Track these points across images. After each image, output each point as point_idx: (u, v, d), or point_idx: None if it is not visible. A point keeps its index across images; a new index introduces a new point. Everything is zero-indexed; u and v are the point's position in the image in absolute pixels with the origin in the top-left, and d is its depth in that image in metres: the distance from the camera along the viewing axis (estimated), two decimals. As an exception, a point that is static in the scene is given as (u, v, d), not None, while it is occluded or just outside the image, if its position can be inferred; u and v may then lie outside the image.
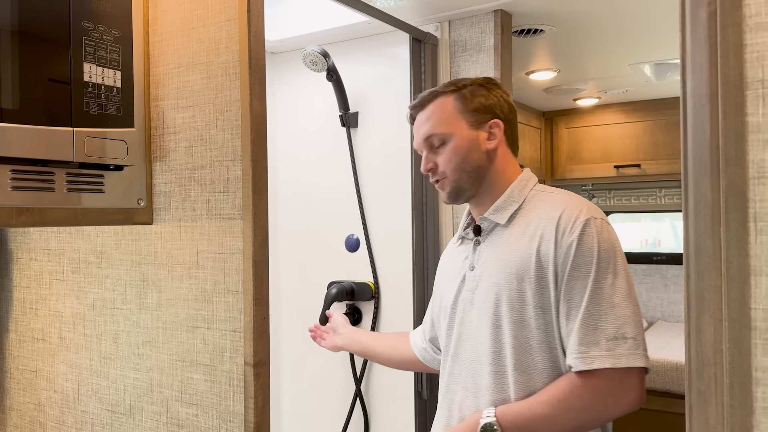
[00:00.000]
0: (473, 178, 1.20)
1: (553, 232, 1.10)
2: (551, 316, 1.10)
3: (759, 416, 0.52)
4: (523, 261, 1.11)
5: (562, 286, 1.08)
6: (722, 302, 0.54)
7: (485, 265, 1.18)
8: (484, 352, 1.15)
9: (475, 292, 1.19)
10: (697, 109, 0.55)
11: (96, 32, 0.88)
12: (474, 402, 1.17)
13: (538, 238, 1.12)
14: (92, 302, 1.07)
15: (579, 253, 1.07)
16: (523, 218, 1.17)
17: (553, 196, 1.18)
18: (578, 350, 1.04)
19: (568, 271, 1.07)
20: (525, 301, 1.11)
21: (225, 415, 0.91)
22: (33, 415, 1.17)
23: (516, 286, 1.11)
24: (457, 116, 1.20)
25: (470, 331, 1.19)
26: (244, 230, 0.89)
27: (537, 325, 1.10)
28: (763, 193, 0.52)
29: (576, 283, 1.07)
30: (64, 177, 0.86)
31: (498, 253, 1.17)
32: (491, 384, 1.14)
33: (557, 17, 1.84)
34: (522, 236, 1.15)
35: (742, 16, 0.53)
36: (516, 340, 1.11)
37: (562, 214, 1.11)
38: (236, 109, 0.89)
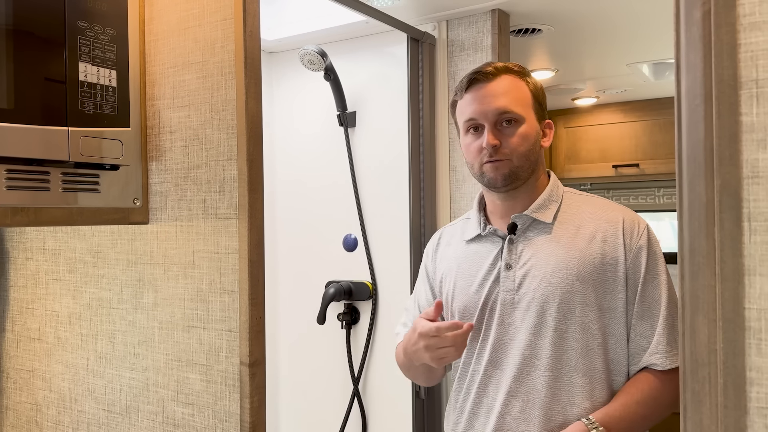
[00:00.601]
0: (530, 169, 1.17)
1: (620, 236, 1.13)
2: (612, 318, 1.12)
3: (753, 416, 0.52)
4: (585, 263, 1.12)
5: (636, 289, 1.12)
6: (716, 302, 0.53)
7: (532, 265, 1.14)
8: (538, 355, 1.11)
9: (517, 293, 1.14)
10: (692, 108, 0.55)
11: (91, 31, 0.88)
12: (521, 407, 1.11)
13: (599, 240, 1.13)
14: (88, 302, 1.07)
15: (651, 256, 1.13)
16: (568, 218, 1.17)
17: (592, 198, 1.22)
18: (665, 350, 1.10)
19: (642, 274, 1.11)
20: (587, 303, 1.10)
21: (221, 415, 0.91)
22: (29, 415, 1.17)
23: (578, 288, 1.11)
24: (530, 102, 1.18)
25: (512, 333, 1.14)
26: (239, 230, 0.89)
27: (598, 327, 1.11)
28: (757, 193, 0.52)
29: (650, 285, 1.12)
30: (59, 176, 0.86)
31: (548, 253, 1.14)
32: (545, 388, 1.10)
33: (555, 17, 1.84)
34: (576, 237, 1.14)
35: (736, 15, 0.52)
36: (578, 342, 1.10)
37: (624, 218, 1.15)
38: (232, 108, 0.89)
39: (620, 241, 1.12)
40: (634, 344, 1.12)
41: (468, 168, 1.23)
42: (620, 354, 1.13)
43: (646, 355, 1.11)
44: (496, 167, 1.15)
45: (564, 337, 1.10)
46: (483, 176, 1.18)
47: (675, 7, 0.56)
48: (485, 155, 1.16)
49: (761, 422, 0.52)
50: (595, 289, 1.11)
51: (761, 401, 0.52)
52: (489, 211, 1.26)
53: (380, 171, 1.80)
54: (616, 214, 1.16)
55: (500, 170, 1.15)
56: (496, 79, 1.16)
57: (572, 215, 1.17)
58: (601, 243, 1.13)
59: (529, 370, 1.12)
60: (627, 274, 1.12)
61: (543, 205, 1.17)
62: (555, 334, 1.11)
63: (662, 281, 1.12)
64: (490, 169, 1.16)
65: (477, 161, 1.18)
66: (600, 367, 1.11)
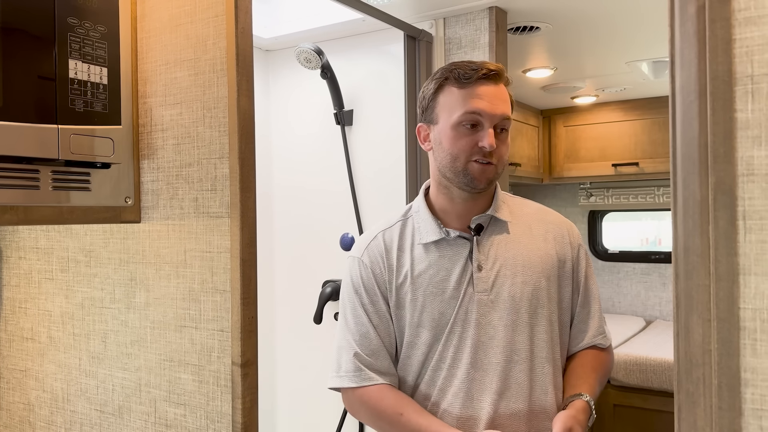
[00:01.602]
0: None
1: (565, 236, 1.25)
2: (562, 309, 1.22)
3: (748, 418, 0.51)
4: (546, 261, 1.20)
5: (580, 281, 1.25)
6: (711, 302, 0.53)
7: (501, 264, 1.16)
8: (518, 351, 1.14)
9: (491, 293, 1.14)
10: (686, 105, 0.54)
11: (82, 28, 0.87)
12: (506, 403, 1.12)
13: (551, 240, 1.23)
14: (81, 301, 1.06)
15: (586, 254, 1.28)
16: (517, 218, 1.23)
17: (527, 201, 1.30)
18: (601, 331, 1.26)
19: (584, 269, 1.25)
20: (550, 298, 1.19)
21: (213, 416, 0.90)
22: (22, 415, 1.16)
23: (544, 284, 1.18)
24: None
25: (491, 332, 1.13)
26: (231, 229, 0.88)
27: (556, 319, 1.20)
28: (752, 191, 0.51)
29: (589, 278, 1.27)
30: (49, 175, 0.85)
31: (514, 252, 1.18)
32: (527, 381, 1.14)
33: (553, 14, 1.83)
34: (533, 237, 1.22)
35: (730, 10, 0.52)
36: (546, 334, 1.18)
37: (563, 221, 1.27)
38: (224, 106, 0.88)
39: (566, 240, 1.24)
40: (576, 329, 1.25)
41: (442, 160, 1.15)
42: (565, 341, 1.24)
43: (587, 337, 1.25)
44: (483, 170, 1.12)
45: (535, 330, 1.17)
46: (465, 174, 1.13)
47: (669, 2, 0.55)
48: (477, 154, 1.12)
49: (756, 424, 0.51)
50: (554, 284, 1.21)
51: (756, 403, 0.51)
52: (440, 210, 1.20)
53: (377, 169, 1.79)
54: (556, 217, 1.28)
55: (486, 174, 1.13)
56: (502, 83, 1.17)
57: (518, 216, 1.24)
58: (553, 242, 1.23)
59: (511, 366, 1.14)
60: (573, 269, 1.24)
61: (499, 206, 1.22)
62: (529, 329, 1.16)
63: (591, 273, 1.28)
64: (478, 170, 1.12)
65: (464, 157, 1.13)
66: (558, 354, 1.21)
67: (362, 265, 1.21)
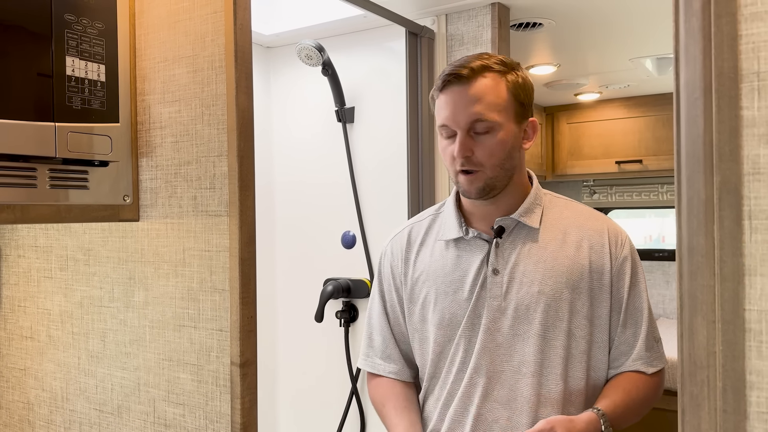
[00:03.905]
0: (507, 176, 1.11)
1: (606, 245, 1.13)
2: (596, 326, 1.11)
3: (753, 422, 0.50)
4: (574, 271, 1.10)
5: (622, 297, 1.12)
6: (715, 303, 0.52)
7: (520, 271, 1.10)
8: (526, 363, 1.08)
9: (505, 300, 1.09)
10: (691, 102, 0.53)
11: (79, 25, 0.86)
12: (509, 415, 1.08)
13: (586, 248, 1.12)
14: (80, 300, 1.06)
15: (633, 267, 1.14)
16: (553, 223, 1.14)
17: (572, 203, 1.19)
18: (647, 355, 1.13)
19: (627, 284, 1.12)
20: (574, 311, 1.09)
21: (212, 416, 0.90)
22: (22, 414, 1.16)
23: (567, 296, 1.09)
24: (508, 105, 1.08)
25: (499, 340, 1.09)
26: (230, 227, 0.87)
27: (583, 335, 1.10)
28: (758, 190, 0.50)
29: (633, 294, 1.13)
30: (46, 173, 0.84)
31: (536, 259, 1.10)
32: (532, 396, 1.07)
33: (556, 11, 1.81)
34: (565, 244, 1.12)
35: (737, 5, 0.50)
36: (563, 350, 1.09)
37: (608, 228, 1.15)
38: (222, 103, 0.87)
39: (606, 250, 1.12)
40: (618, 351, 1.13)
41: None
42: (600, 360, 1.13)
43: (629, 360, 1.13)
44: (470, 180, 1.09)
45: (550, 344, 1.08)
46: (458, 185, 1.12)
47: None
48: (458, 164, 1.09)
49: (762, 427, 0.50)
50: (582, 297, 1.10)
51: (762, 406, 0.50)
52: (467, 211, 1.17)
53: (379, 167, 1.78)
54: (600, 223, 1.15)
55: (474, 183, 1.09)
56: (471, 82, 1.06)
57: (555, 220, 1.15)
58: (588, 251, 1.12)
59: (518, 378, 1.08)
60: (612, 283, 1.12)
61: (529, 209, 1.13)
62: (541, 341, 1.08)
63: (642, 290, 1.14)
64: (465, 181, 1.09)
65: (452, 168, 1.11)
66: (580, 374, 1.10)
67: (385, 256, 1.25)
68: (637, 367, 1.12)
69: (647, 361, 1.13)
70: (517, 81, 1.10)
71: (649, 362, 1.13)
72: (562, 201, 1.19)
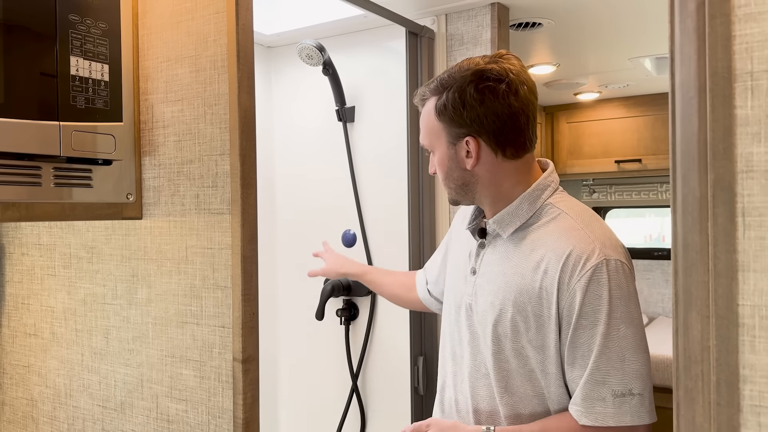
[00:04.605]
0: (462, 192, 1.13)
1: (558, 271, 1.00)
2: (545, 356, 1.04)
3: (746, 414, 0.51)
4: (522, 290, 1.04)
5: (568, 332, 1.01)
6: (710, 299, 0.53)
7: (486, 278, 1.10)
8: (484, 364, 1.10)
9: (473, 299, 1.12)
10: (686, 101, 0.54)
11: (83, 25, 0.87)
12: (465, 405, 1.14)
13: (542, 271, 1.02)
14: (83, 297, 1.07)
15: (587, 300, 0.98)
16: (530, 237, 1.07)
17: (565, 219, 1.06)
18: (583, 404, 1.00)
19: (575, 318, 0.99)
20: (518, 332, 1.04)
21: (214, 411, 0.91)
22: (26, 410, 1.17)
23: (510, 314, 1.04)
24: (437, 128, 1.10)
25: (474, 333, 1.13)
26: (232, 225, 0.88)
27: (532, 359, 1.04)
28: (752, 188, 0.51)
29: (583, 332, 0.99)
30: (51, 171, 0.85)
31: (498, 270, 1.09)
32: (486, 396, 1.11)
33: (555, 11, 1.82)
34: (526, 261, 1.05)
35: (730, 6, 0.51)
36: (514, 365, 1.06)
37: (572, 251, 1.00)
38: (224, 102, 0.88)
39: (557, 277, 1.00)
40: (570, 387, 1.04)
41: None
42: (554, 392, 1.05)
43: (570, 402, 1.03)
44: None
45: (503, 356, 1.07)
46: None
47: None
48: None
49: (754, 420, 0.51)
50: (528, 320, 1.03)
51: (755, 399, 0.51)
52: None
53: (379, 166, 1.79)
54: (566, 244, 1.01)
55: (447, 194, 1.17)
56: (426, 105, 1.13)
57: (534, 233, 1.07)
58: (542, 275, 1.02)
59: (477, 377, 1.11)
60: (560, 315, 1.01)
61: (503, 220, 1.09)
62: (496, 350, 1.07)
63: (599, 332, 0.98)
64: None
65: None
66: (531, 391, 1.06)
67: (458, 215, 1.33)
68: (571, 411, 1.02)
69: (581, 410, 1.00)
70: (443, 104, 1.07)
71: (584, 412, 1.00)
72: (556, 212, 1.07)
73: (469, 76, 1.06)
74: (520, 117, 1.06)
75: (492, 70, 1.05)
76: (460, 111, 1.06)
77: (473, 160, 1.07)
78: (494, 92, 1.04)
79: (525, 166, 1.11)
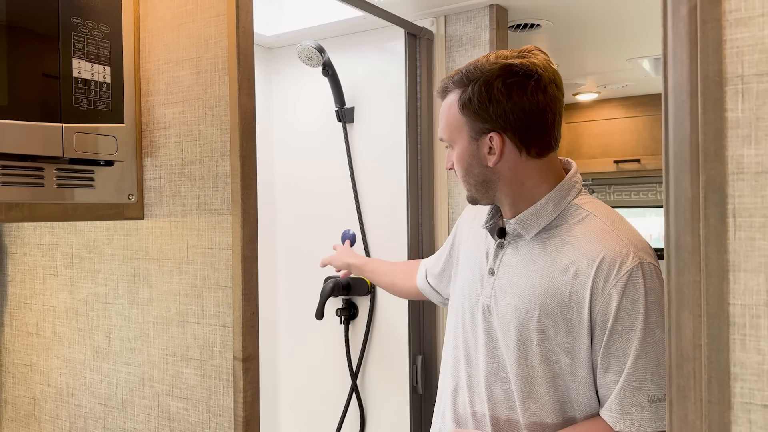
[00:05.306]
0: (482, 190, 1.10)
1: (591, 276, 0.98)
2: (576, 360, 1.01)
3: (737, 411, 0.52)
4: (552, 295, 1.01)
5: (603, 338, 0.98)
6: (701, 298, 0.54)
7: (507, 279, 1.08)
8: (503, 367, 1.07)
9: (492, 300, 1.09)
10: (678, 104, 0.55)
11: (85, 28, 0.88)
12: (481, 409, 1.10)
13: (571, 275, 1.00)
14: (85, 297, 1.08)
15: (624, 305, 0.96)
16: (556, 239, 1.04)
17: (594, 221, 1.04)
18: (619, 411, 0.98)
19: (610, 323, 0.97)
20: (546, 336, 1.01)
21: (215, 409, 0.92)
22: (28, 409, 1.18)
23: (538, 318, 1.01)
24: (459, 122, 1.07)
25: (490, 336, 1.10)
26: (233, 225, 0.89)
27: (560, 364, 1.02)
28: (742, 189, 0.52)
29: (618, 337, 0.97)
30: (53, 172, 0.86)
31: (522, 272, 1.06)
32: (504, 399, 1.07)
33: (553, 12, 1.83)
34: (553, 263, 1.02)
35: (721, 11, 0.52)
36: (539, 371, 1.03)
37: (605, 255, 0.98)
38: (225, 104, 0.89)
39: (590, 283, 0.98)
40: (601, 392, 1.02)
41: None
42: (583, 396, 1.02)
43: (602, 407, 1.01)
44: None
45: (527, 361, 1.04)
46: None
47: (663, 3, 0.56)
48: None
49: (745, 417, 0.52)
50: (556, 324, 1.00)
51: (745, 396, 0.52)
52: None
53: (378, 166, 1.80)
54: (599, 247, 0.99)
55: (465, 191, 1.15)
56: (442, 102, 1.12)
57: (561, 235, 1.04)
58: (572, 278, 0.99)
59: (494, 380, 1.08)
60: (593, 320, 0.98)
61: (527, 220, 1.06)
62: (521, 353, 1.04)
63: (635, 336, 0.96)
64: None
65: None
66: (555, 398, 1.03)
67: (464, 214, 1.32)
68: (605, 417, 1.00)
69: (617, 417, 0.98)
70: (468, 98, 1.05)
71: (619, 419, 0.98)
72: (583, 213, 1.05)
73: (497, 70, 1.03)
74: (548, 114, 1.04)
75: (521, 65, 1.02)
76: (485, 105, 1.03)
77: (496, 157, 1.05)
78: (522, 87, 1.02)
79: (549, 165, 1.08)
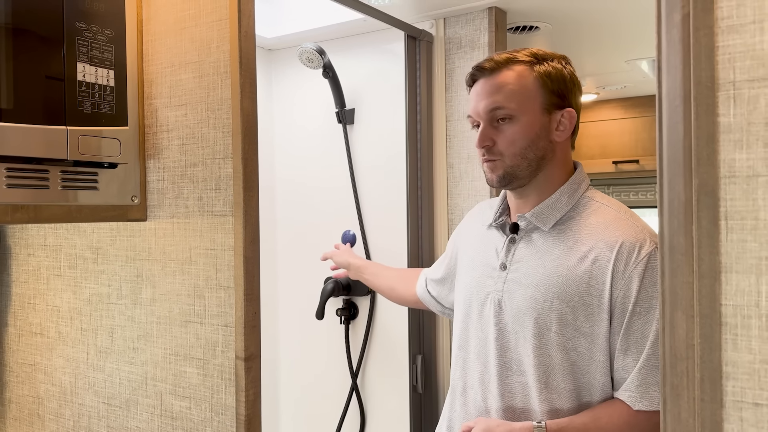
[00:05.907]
0: (532, 167, 1.10)
1: (612, 261, 1.03)
2: (594, 343, 1.05)
3: (729, 409, 0.53)
4: (570, 283, 1.05)
5: (623, 320, 1.03)
6: (694, 299, 0.55)
7: (522, 272, 1.10)
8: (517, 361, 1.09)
9: (504, 295, 1.11)
10: (672, 109, 0.56)
11: (89, 32, 0.89)
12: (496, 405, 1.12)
13: (590, 261, 1.05)
14: (88, 297, 1.09)
15: (644, 287, 1.02)
16: (571, 230, 1.09)
17: (608, 211, 1.09)
18: (639, 390, 1.02)
19: (631, 305, 1.02)
20: (565, 324, 1.05)
21: (217, 408, 0.93)
22: (32, 408, 1.19)
23: (557, 306, 1.05)
24: (533, 93, 1.09)
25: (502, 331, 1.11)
26: (235, 227, 0.91)
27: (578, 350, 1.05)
28: (734, 192, 0.53)
29: (638, 319, 1.02)
30: (58, 175, 0.87)
31: (537, 263, 1.09)
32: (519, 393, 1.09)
33: (552, 14, 1.85)
34: (570, 252, 1.07)
35: (714, 18, 0.54)
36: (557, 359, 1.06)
37: (624, 240, 1.04)
38: (227, 107, 0.91)
39: (610, 266, 1.03)
40: (617, 375, 1.06)
41: None
42: (599, 381, 1.06)
43: (620, 389, 1.05)
44: (491, 168, 1.12)
45: (545, 351, 1.07)
46: (485, 174, 1.15)
47: (656, 9, 0.57)
48: (480, 153, 1.14)
49: (736, 415, 0.53)
50: (577, 310, 1.04)
51: (737, 395, 0.53)
52: (510, 202, 1.21)
53: (378, 167, 1.81)
54: (617, 234, 1.05)
55: (495, 171, 1.12)
56: (493, 75, 1.10)
57: (575, 225, 1.09)
58: (591, 264, 1.04)
59: (508, 374, 1.10)
60: (613, 303, 1.03)
61: (543, 212, 1.10)
62: (537, 345, 1.07)
63: (654, 317, 1.01)
64: (487, 169, 1.13)
65: (480, 158, 1.15)
66: (572, 385, 1.06)
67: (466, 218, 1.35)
68: (623, 397, 1.04)
69: (636, 396, 1.02)
70: (547, 71, 1.09)
71: (639, 398, 1.02)
72: (596, 205, 1.11)
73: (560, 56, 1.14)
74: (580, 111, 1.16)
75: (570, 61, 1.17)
76: (565, 83, 1.11)
77: (565, 132, 1.11)
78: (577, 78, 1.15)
79: (570, 158, 1.16)
